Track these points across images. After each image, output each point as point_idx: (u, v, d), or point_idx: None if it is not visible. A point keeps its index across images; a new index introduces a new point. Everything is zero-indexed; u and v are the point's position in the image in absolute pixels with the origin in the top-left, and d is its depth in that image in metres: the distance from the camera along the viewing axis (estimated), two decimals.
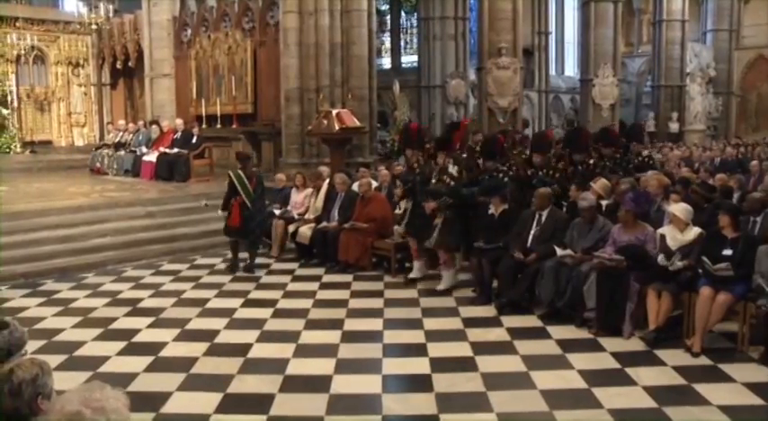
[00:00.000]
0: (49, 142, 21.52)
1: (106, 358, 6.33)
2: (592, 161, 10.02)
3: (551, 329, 6.92)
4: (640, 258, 6.72)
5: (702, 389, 5.39)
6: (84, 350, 6.60)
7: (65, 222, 10.88)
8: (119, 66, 20.54)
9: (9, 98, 20.16)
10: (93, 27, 18.75)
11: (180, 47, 18.08)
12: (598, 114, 21.09)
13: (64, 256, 10.05)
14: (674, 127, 26.55)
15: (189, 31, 17.79)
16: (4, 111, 19.93)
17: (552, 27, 31.58)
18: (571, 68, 33.27)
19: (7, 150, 19.37)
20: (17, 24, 20.47)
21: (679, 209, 6.81)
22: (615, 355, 6.18)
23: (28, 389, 2.49)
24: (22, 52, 20.66)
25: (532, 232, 7.74)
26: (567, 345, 6.45)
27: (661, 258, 6.50)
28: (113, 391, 2.18)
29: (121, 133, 17.18)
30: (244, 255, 9.81)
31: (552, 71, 31.22)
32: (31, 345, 3.03)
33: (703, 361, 6.00)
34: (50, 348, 6.50)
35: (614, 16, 21.16)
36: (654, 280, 6.52)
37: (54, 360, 5.13)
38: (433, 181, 8.67)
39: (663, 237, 6.76)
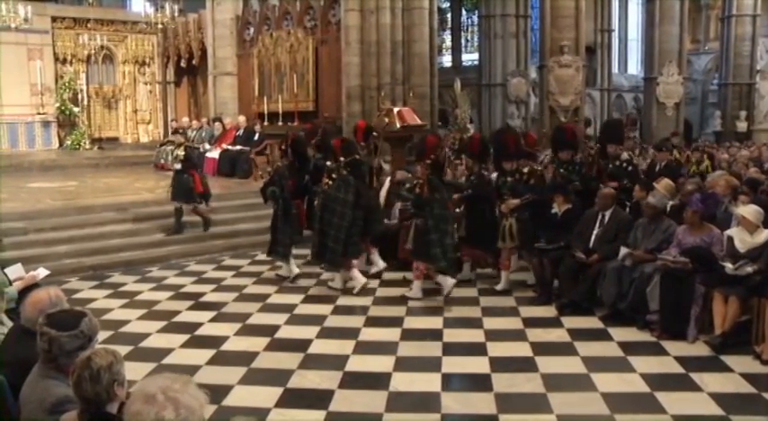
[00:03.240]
0: (116, 139, 22.25)
1: (170, 350, 6.49)
2: (526, 169, 8.55)
3: (613, 331, 6.81)
4: (706, 261, 6.55)
5: None
6: (149, 341, 6.77)
7: (131, 217, 11.18)
8: (183, 64, 21.00)
9: (80, 96, 20.86)
10: (159, 26, 19.24)
11: (243, 45, 18.38)
12: (662, 113, 20.63)
13: (130, 250, 10.32)
14: (741, 126, 25.76)
15: (252, 30, 18.09)
16: (75, 109, 20.62)
17: (615, 24, 30.98)
18: (634, 66, 32.67)
19: (77, 146, 20.03)
20: (88, 25, 21.19)
21: (748, 210, 6.61)
22: (679, 359, 6.04)
23: (105, 375, 2.59)
24: (92, 52, 21.38)
25: (595, 232, 7.64)
26: (629, 348, 6.34)
27: (729, 267, 6.31)
28: (195, 390, 2.23)
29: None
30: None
31: (615, 69, 30.62)
32: (100, 336, 3.13)
33: None
34: (117, 339, 6.68)
35: (680, 12, 20.59)
36: (720, 283, 6.33)
37: (120, 350, 5.25)
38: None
39: (730, 239, 6.58)
